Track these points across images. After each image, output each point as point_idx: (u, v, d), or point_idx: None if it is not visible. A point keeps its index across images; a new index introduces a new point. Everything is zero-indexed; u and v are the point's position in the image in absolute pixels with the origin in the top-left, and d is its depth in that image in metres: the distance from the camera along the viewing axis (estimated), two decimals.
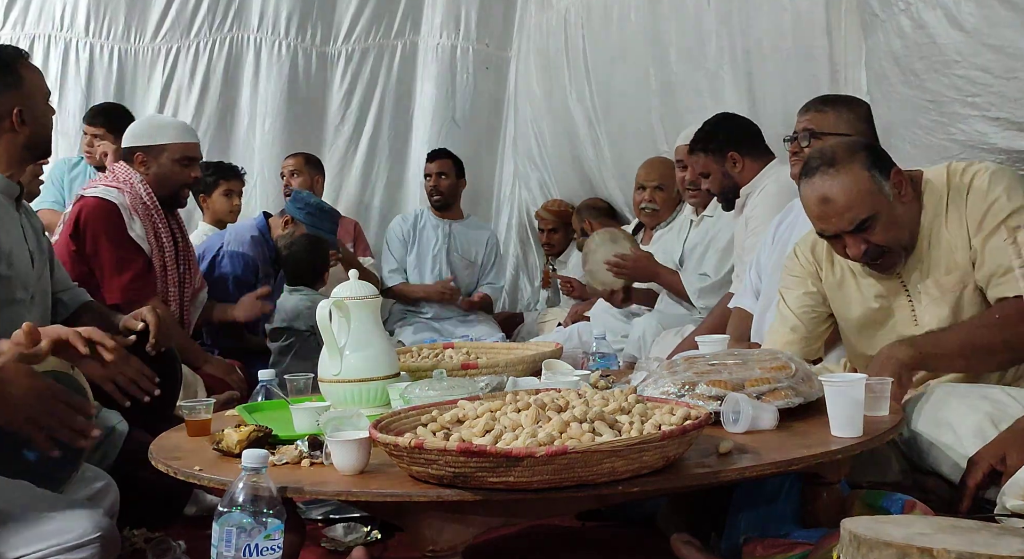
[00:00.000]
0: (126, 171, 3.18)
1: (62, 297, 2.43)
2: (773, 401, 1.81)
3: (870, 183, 2.06)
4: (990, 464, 1.80)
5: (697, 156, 3.26)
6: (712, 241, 3.55)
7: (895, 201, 2.08)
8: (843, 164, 2.07)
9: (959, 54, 2.19)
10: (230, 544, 1.42)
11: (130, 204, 3.09)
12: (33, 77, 2.28)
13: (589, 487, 1.46)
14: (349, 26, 5.38)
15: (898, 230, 2.09)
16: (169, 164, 3.19)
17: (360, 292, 2.09)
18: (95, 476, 1.94)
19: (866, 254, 2.11)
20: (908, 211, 2.10)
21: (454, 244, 4.90)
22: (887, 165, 2.09)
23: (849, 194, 2.06)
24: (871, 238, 2.08)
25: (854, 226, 2.07)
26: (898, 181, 2.08)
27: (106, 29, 5.11)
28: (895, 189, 2.08)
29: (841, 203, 2.06)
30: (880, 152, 2.14)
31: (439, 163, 4.90)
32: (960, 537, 1.21)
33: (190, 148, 3.24)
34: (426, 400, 1.87)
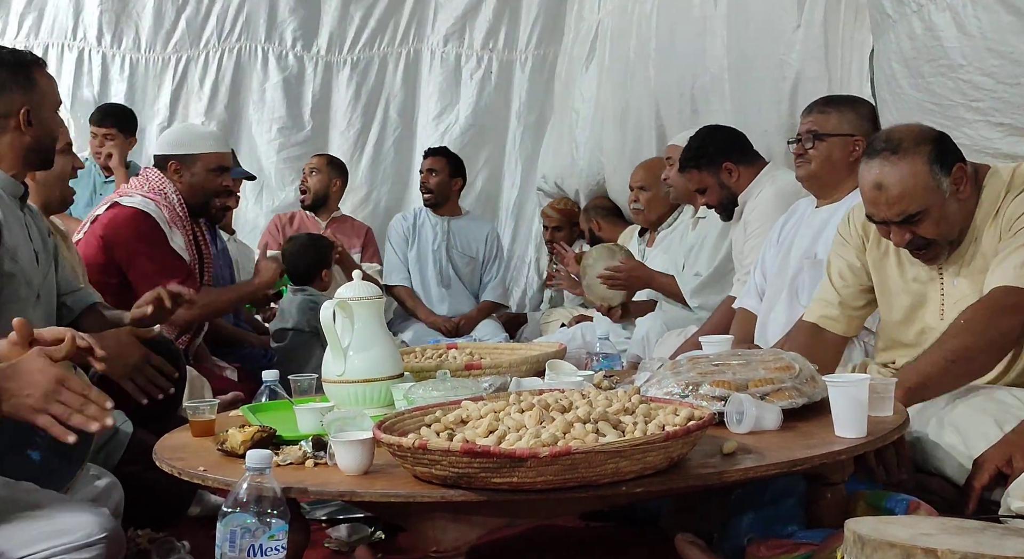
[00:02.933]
0: (159, 179, 3.17)
1: (66, 300, 2.44)
2: (777, 401, 1.80)
3: (928, 178, 2.03)
4: (996, 466, 1.80)
5: (691, 173, 3.26)
6: (704, 240, 3.57)
7: (951, 197, 2.04)
8: (906, 154, 2.04)
9: (964, 58, 2.19)
10: (234, 544, 1.42)
11: (168, 217, 3.11)
12: (47, 84, 2.29)
13: (593, 488, 1.46)
14: (354, 35, 5.45)
15: (947, 226, 2.07)
16: (203, 173, 3.20)
17: (364, 293, 2.09)
18: (99, 475, 1.94)
19: (910, 244, 2.10)
20: (962, 207, 2.07)
21: (453, 241, 4.91)
22: (951, 159, 2.05)
23: (904, 186, 2.03)
24: (918, 230, 2.07)
25: (903, 218, 2.06)
26: (959, 177, 2.04)
27: (118, 39, 5.23)
28: (954, 185, 2.04)
29: (894, 193, 2.04)
30: (948, 144, 2.09)
31: (430, 160, 4.90)
32: (965, 538, 1.20)
33: (224, 158, 3.27)
34: (430, 401, 1.87)
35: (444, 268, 4.87)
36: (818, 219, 2.78)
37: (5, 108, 2.20)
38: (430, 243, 4.87)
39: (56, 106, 2.33)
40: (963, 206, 2.08)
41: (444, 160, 4.89)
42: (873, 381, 1.77)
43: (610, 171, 4.85)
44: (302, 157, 5.35)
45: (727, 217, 3.30)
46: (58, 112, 2.35)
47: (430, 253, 4.86)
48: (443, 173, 4.87)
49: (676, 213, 3.99)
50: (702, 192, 3.27)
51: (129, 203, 3.08)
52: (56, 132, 2.34)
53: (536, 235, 5.62)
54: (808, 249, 2.75)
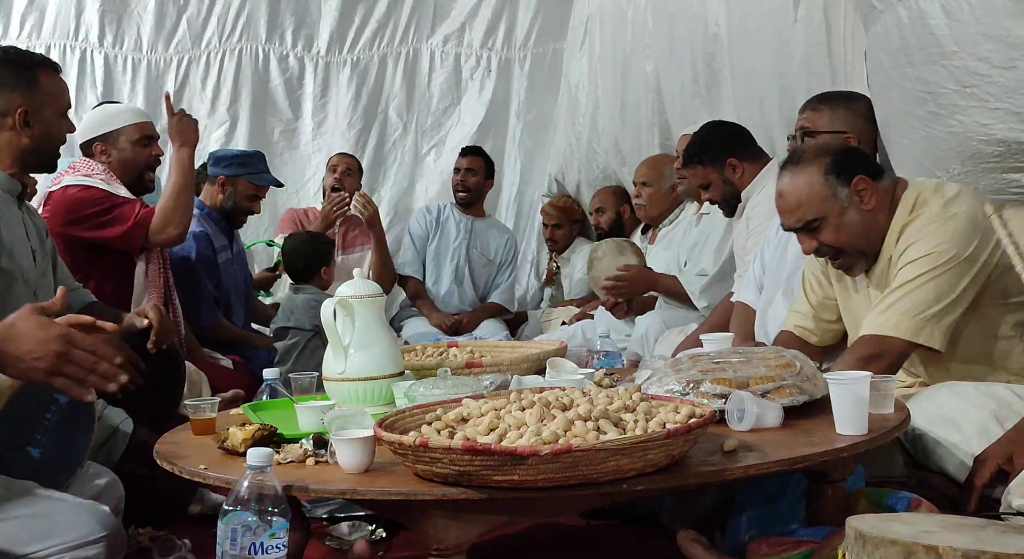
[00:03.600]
0: (87, 165, 3.13)
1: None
2: (778, 399, 1.80)
3: (822, 187, 2.14)
4: (997, 463, 1.80)
5: (694, 169, 3.25)
6: (708, 238, 3.56)
7: (850, 207, 2.14)
8: (804, 165, 2.18)
9: (956, 44, 2.18)
10: (235, 543, 1.42)
11: (105, 181, 3.07)
12: (52, 86, 2.27)
13: (594, 485, 1.46)
14: (355, 35, 5.44)
15: (849, 235, 2.16)
16: (128, 147, 3.16)
17: (365, 291, 2.09)
18: (99, 474, 1.94)
19: (818, 252, 2.22)
20: (867, 219, 2.16)
21: (474, 241, 4.91)
22: (852, 170, 2.15)
23: (799, 194, 2.17)
24: (821, 238, 2.17)
25: (801, 225, 2.18)
26: (861, 189, 2.14)
27: (119, 39, 5.24)
28: (855, 196, 2.14)
29: (791, 202, 2.18)
30: (851, 157, 2.20)
31: (469, 159, 4.89)
32: (966, 535, 1.20)
33: (146, 127, 3.22)
34: (431, 398, 1.87)
35: (460, 266, 4.88)
36: None
37: (3, 107, 2.20)
38: (452, 240, 4.87)
39: (62, 110, 2.31)
40: (869, 217, 2.16)
41: (482, 161, 4.91)
42: (874, 379, 1.77)
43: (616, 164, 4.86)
44: (304, 158, 5.35)
45: (730, 213, 3.29)
46: (64, 116, 2.33)
47: (450, 250, 4.87)
48: (480, 173, 4.89)
49: (678, 210, 3.99)
50: (706, 188, 3.26)
51: (55, 188, 3.05)
52: (60, 135, 2.32)
53: (537, 233, 5.62)
54: None
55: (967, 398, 1.99)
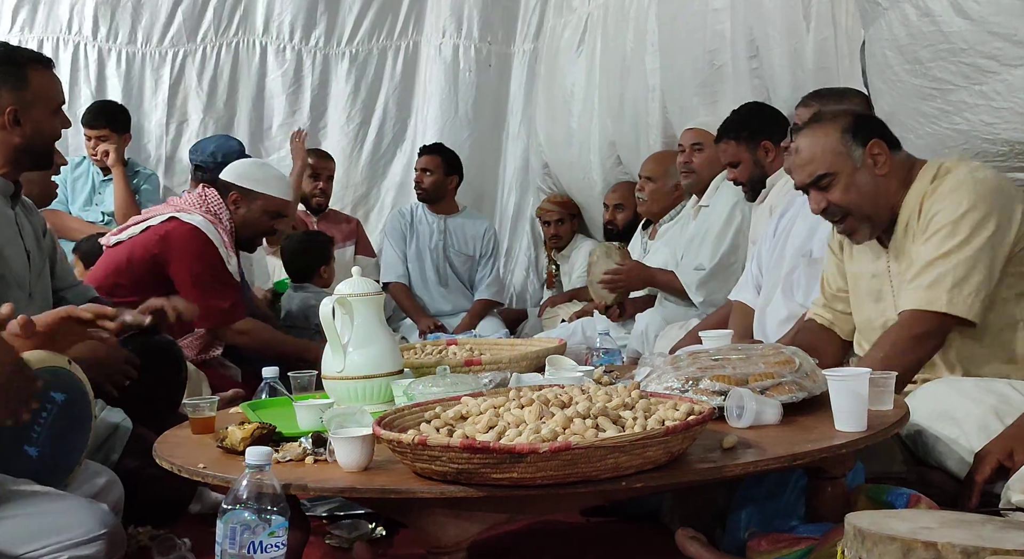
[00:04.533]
0: (218, 204, 3.20)
1: (66, 295, 2.43)
2: (777, 396, 1.80)
3: (837, 143, 2.16)
4: (997, 459, 1.80)
5: (727, 143, 3.21)
6: (706, 232, 3.55)
7: (863, 168, 2.15)
8: (822, 123, 2.21)
9: (966, 42, 2.18)
10: (234, 541, 1.42)
11: (226, 241, 3.15)
12: (43, 83, 2.24)
13: (593, 483, 1.46)
14: (352, 28, 5.41)
15: (859, 196, 2.16)
16: (259, 213, 3.24)
17: (363, 289, 2.09)
18: (98, 472, 1.94)
19: (826, 212, 2.22)
20: (879, 184, 2.16)
21: (450, 239, 4.87)
22: (869, 133, 2.16)
23: (812, 149, 2.18)
24: (830, 197, 2.18)
25: (812, 180, 2.19)
26: (876, 152, 2.15)
27: (113, 33, 5.16)
28: (869, 158, 2.15)
29: (805, 157, 2.20)
30: (870, 122, 2.21)
31: (425, 159, 4.85)
32: (965, 531, 1.20)
33: (286, 206, 3.32)
34: (429, 396, 1.87)
35: (442, 267, 4.85)
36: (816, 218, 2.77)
37: None
38: (427, 242, 4.84)
39: (54, 107, 2.29)
40: (881, 182, 2.16)
41: (439, 158, 4.84)
42: (873, 375, 1.77)
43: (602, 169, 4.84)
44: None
45: (752, 197, 3.26)
46: (58, 113, 2.31)
47: (428, 252, 4.84)
48: (437, 172, 4.82)
49: (679, 207, 3.98)
50: (734, 166, 3.22)
51: (188, 220, 3.10)
52: (54, 132, 2.30)
53: (535, 229, 5.62)
54: (804, 244, 2.75)
55: (966, 393, 1.99)
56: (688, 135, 3.72)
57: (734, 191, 3.51)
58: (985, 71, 2.18)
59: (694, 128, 3.75)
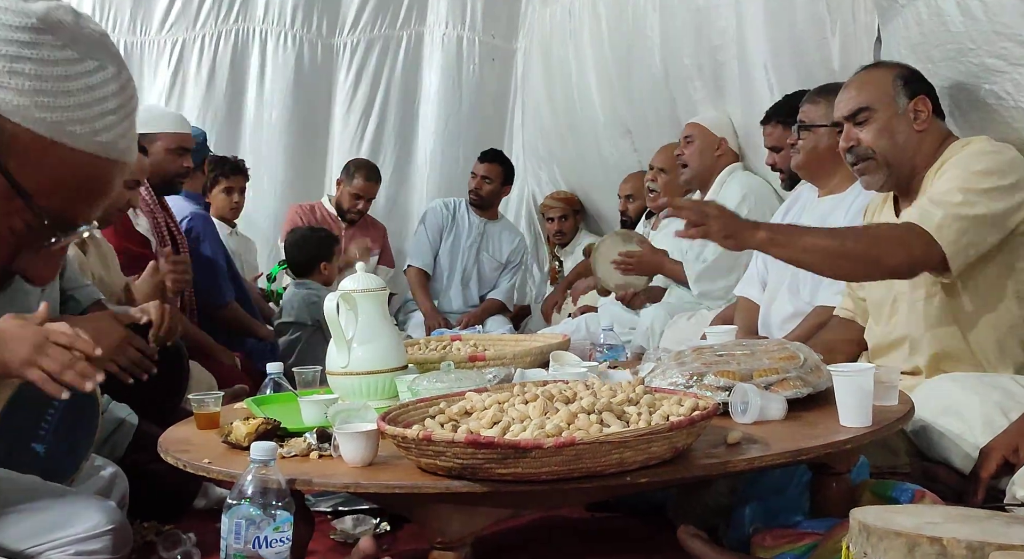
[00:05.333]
0: None
1: (74, 294, 2.44)
2: (781, 391, 1.80)
3: (887, 85, 2.18)
4: (1002, 455, 1.79)
5: (774, 127, 3.17)
6: None
7: (903, 117, 2.17)
8: (878, 66, 2.27)
9: (973, 42, 2.18)
10: (239, 536, 1.42)
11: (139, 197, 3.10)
12: None
13: (597, 478, 1.46)
14: (354, 17, 5.36)
15: (891, 142, 2.18)
16: (161, 153, 3.19)
17: (367, 285, 2.09)
18: (103, 466, 1.94)
19: (851, 151, 2.22)
20: (912, 137, 2.17)
21: (486, 243, 4.92)
22: (919, 88, 2.18)
23: (861, 83, 2.22)
24: (862, 135, 2.19)
25: (851, 112, 2.21)
26: (920, 108, 2.17)
27: (112, 22, 5.10)
28: (912, 112, 2.16)
29: (852, 90, 2.23)
30: (923, 80, 2.22)
31: (486, 167, 4.87)
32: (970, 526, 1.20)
33: (184, 139, 3.24)
34: (434, 392, 1.87)
35: (470, 267, 4.89)
36: (820, 209, 2.76)
37: None
38: (464, 240, 4.87)
39: None
40: (915, 137, 2.17)
41: (499, 168, 4.89)
42: (878, 371, 1.77)
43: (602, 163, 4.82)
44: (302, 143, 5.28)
45: (789, 185, 3.25)
46: None
47: (462, 250, 4.87)
48: (496, 182, 4.88)
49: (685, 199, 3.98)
50: (776, 150, 3.21)
51: None
52: None
53: (534, 224, 5.61)
54: None
55: (971, 389, 1.99)
56: (684, 129, 3.73)
57: (741, 186, 3.50)
58: (994, 70, 2.17)
59: (690, 122, 3.76)
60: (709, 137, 3.68)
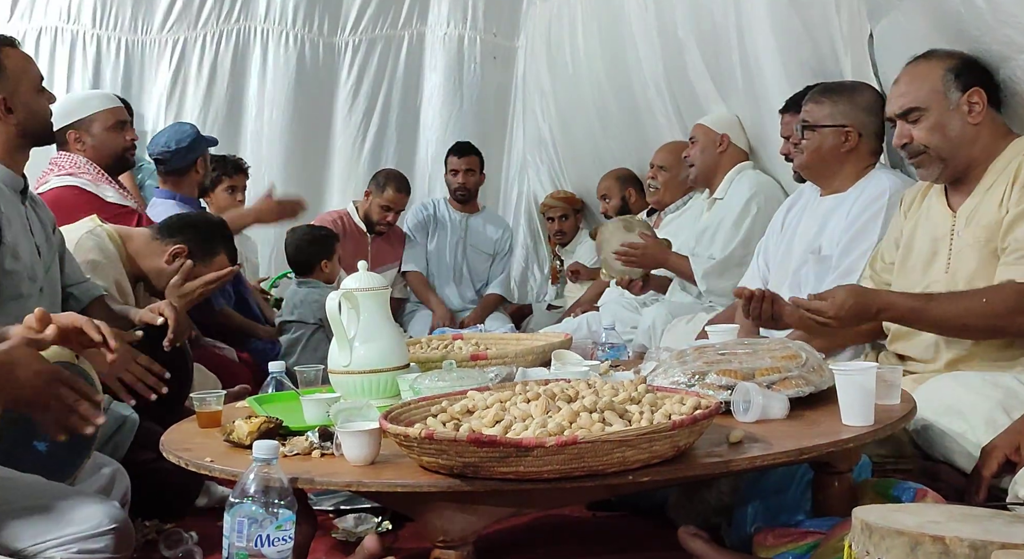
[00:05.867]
0: (68, 158, 3.15)
1: (73, 291, 2.44)
2: (783, 390, 1.80)
3: (938, 81, 2.15)
4: (1004, 454, 1.79)
5: (792, 117, 3.11)
6: (720, 224, 3.54)
7: (956, 112, 2.14)
8: (928, 58, 2.20)
9: (978, 30, 2.17)
10: (242, 535, 1.42)
11: (91, 180, 3.10)
12: (17, 63, 2.23)
13: (599, 477, 1.46)
14: (356, 16, 5.35)
15: (943, 137, 2.15)
16: (103, 133, 3.18)
17: (369, 283, 2.09)
18: (105, 463, 1.94)
19: (905, 147, 2.21)
20: (967, 132, 2.15)
21: (471, 237, 4.91)
22: (973, 80, 2.15)
23: (912, 81, 2.19)
24: (915, 132, 2.17)
25: (901, 111, 2.19)
26: (974, 100, 2.14)
27: (113, 21, 5.08)
28: (965, 105, 2.14)
29: (903, 87, 2.21)
30: (976, 70, 2.18)
31: (468, 160, 4.85)
32: (973, 525, 1.20)
33: (118, 112, 3.24)
34: (436, 391, 1.87)
35: (458, 263, 4.89)
36: (823, 208, 2.76)
37: None
38: (448, 238, 4.88)
39: (37, 84, 2.28)
40: (970, 131, 2.15)
41: (478, 158, 4.88)
42: (880, 369, 1.76)
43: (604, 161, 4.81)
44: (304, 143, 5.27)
45: (801, 178, 3.25)
46: (42, 90, 2.30)
47: (447, 248, 4.87)
48: (478, 171, 4.87)
49: (686, 198, 3.97)
50: (795, 144, 3.19)
51: (45, 189, 3.05)
52: (43, 110, 2.29)
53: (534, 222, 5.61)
54: (812, 241, 2.73)
55: (974, 388, 1.99)
56: (697, 130, 3.74)
57: (750, 184, 3.49)
58: (998, 57, 2.15)
59: (696, 123, 3.76)
60: (710, 134, 3.68)
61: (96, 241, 2.70)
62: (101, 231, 2.75)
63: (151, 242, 2.82)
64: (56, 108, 3.23)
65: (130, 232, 2.86)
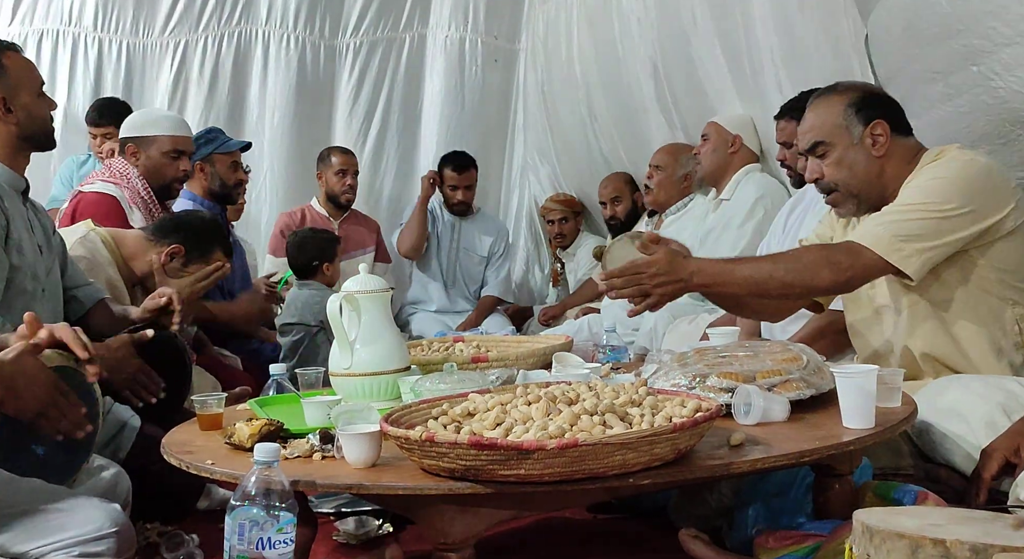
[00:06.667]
0: (122, 165, 3.21)
1: (76, 294, 2.44)
2: (784, 393, 1.80)
3: (839, 117, 2.15)
4: (1004, 456, 1.79)
5: (788, 123, 3.14)
6: (727, 224, 3.54)
7: (859, 146, 2.14)
8: (831, 94, 2.20)
9: (962, 23, 2.17)
10: (243, 537, 1.42)
11: (129, 198, 3.12)
12: (18, 67, 2.26)
13: (600, 480, 1.46)
14: (357, 19, 5.36)
15: (849, 173, 2.16)
16: (158, 156, 3.21)
17: (370, 286, 2.10)
18: (105, 466, 1.94)
19: (817, 183, 2.22)
20: (873, 165, 2.15)
21: (464, 241, 4.91)
22: (874, 113, 2.14)
23: (816, 116, 2.20)
24: (824, 169, 2.18)
25: (808, 147, 2.20)
26: (877, 133, 2.14)
27: (114, 24, 5.09)
28: (868, 138, 2.14)
29: (808, 121, 2.22)
30: (878, 101, 2.18)
31: (467, 176, 4.83)
32: (973, 528, 1.20)
33: (179, 142, 3.26)
34: (437, 393, 1.87)
35: (451, 267, 4.88)
36: (825, 210, 2.76)
37: None
38: (440, 241, 4.87)
39: (37, 88, 2.30)
40: (875, 164, 2.15)
41: (475, 172, 4.87)
42: (881, 372, 1.76)
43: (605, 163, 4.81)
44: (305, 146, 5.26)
45: (798, 183, 3.24)
46: (42, 94, 2.32)
47: (439, 251, 4.87)
48: (474, 184, 4.86)
49: (687, 199, 3.97)
50: (787, 146, 3.19)
51: (89, 189, 3.13)
52: (45, 113, 2.31)
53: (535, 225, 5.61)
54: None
55: (974, 390, 1.99)
56: (708, 128, 3.73)
57: (757, 186, 3.49)
58: (981, 51, 2.15)
59: (710, 120, 3.76)
60: (723, 134, 3.67)
61: (89, 246, 2.71)
62: (94, 236, 2.76)
63: (145, 242, 2.83)
64: (130, 117, 3.31)
65: (124, 235, 2.86)
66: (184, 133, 3.32)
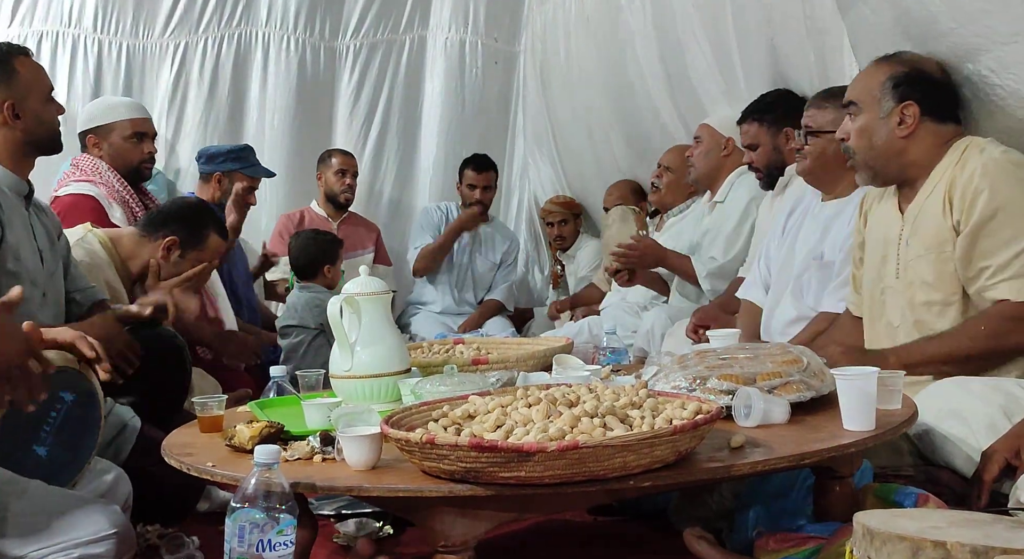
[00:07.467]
0: (89, 161, 3.18)
1: (76, 296, 2.44)
2: (785, 395, 1.80)
3: (876, 87, 2.20)
4: (1005, 458, 1.79)
5: (750, 125, 3.17)
6: (721, 227, 3.54)
7: (884, 121, 2.18)
8: (883, 61, 2.23)
9: (955, 21, 2.16)
10: (243, 540, 1.42)
11: (107, 194, 3.11)
12: (29, 72, 2.26)
13: (600, 482, 1.46)
14: (357, 21, 5.36)
15: (868, 144, 2.21)
16: (120, 142, 3.20)
17: (371, 288, 2.10)
18: (107, 469, 1.94)
19: (842, 143, 2.28)
20: (894, 143, 2.18)
21: (479, 245, 4.93)
22: (909, 94, 2.17)
23: (861, 78, 2.27)
24: (851, 130, 2.23)
25: (847, 101, 2.26)
26: (904, 114, 2.16)
27: (114, 25, 5.07)
28: (896, 116, 2.16)
29: (856, 79, 2.29)
30: (919, 84, 2.19)
31: (486, 176, 4.84)
32: (974, 530, 1.20)
33: (139, 124, 3.25)
34: (437, 395, 1.87)
35: (463, 270, 4.89)
36: (825, 214, 2.76)
37: None
38: (459, 243, 4.88)
39: (46, 93, 2.30)
40: (897, 142, 2.18)
41: (495, 174, 4.89)
42: (881, 374, 1.76)
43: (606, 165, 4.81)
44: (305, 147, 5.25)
45: (768, 185, 3.24)
46: (51, 99, 2.32)
47: (456, 253, 4.88)
48: (494, 186, 4.88)
49: (689, 201, 3.98)
50: (753, 149, 3.17)
51: (65, 192, 3.10)
52: (51, 119, 2.32)
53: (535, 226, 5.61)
54: (815, 247, 2.73)
55: (974, 392, 1.99)
56: (700, 130, 3.74)
57: (750, 187, 3.50)
58: (977, 50, 2.14)
59: (702, 123, 3.76)
60: (716, 137, 3.67)
61: (87, 248, 2.71)
62: (92, 237, 2.76)
63: (139, 240, 2.82)
64: (85, 109, 3.27)
65: (119, 234, 2.86)
66: (142, 115, 3.31)
